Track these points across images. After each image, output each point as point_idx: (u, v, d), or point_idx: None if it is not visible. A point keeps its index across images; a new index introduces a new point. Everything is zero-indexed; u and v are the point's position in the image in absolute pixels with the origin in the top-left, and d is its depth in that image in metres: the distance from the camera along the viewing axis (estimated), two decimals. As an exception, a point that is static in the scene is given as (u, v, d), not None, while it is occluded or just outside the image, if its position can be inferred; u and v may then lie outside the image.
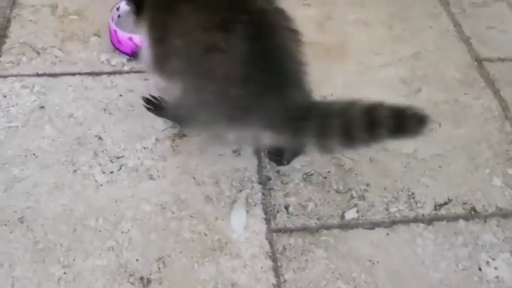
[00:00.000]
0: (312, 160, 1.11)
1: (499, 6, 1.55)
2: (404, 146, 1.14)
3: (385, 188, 1.08)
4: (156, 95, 1.15)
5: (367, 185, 1.08)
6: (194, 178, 1.07)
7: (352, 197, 1.06)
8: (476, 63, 1.36)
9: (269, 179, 1.08)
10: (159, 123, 1.17)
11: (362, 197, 1.06)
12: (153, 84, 1.20)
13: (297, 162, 1.11)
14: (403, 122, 0.87)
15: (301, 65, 0.98)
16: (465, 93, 1.28)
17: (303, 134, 0.92)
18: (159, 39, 0.99)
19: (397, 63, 1.35)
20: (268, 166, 1.10)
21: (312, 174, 1.09)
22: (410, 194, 1.07)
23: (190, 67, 0.94)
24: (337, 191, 1.07)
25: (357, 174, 1.10)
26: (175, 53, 0.96)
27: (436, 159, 1.13)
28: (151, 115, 1.16)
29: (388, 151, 1.14)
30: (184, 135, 1.15)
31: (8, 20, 1.39)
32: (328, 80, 1.30)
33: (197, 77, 0.94)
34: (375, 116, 0.87)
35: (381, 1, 1.54)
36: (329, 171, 1.10)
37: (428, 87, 1.29)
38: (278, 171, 1.09)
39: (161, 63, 1.00)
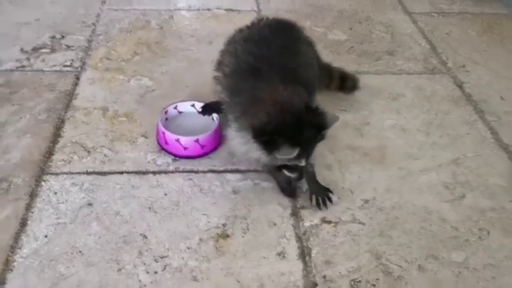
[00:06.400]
0: (358, 266, 1.08)
1: (533, 115, 1.59)
2: (454, 254, 1.11)
3: (437, 300, 1.03)
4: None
5: (418, 294, 1.04)
6: (238, 281, 1.05)
7: (402, 307, 1.01)
8: (518, 171, 1.36)
9: (315, 284, 1.05)
10: (203, 222, 1.18)
11: (413, 309, 1.01)
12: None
13: (343, 267, 1.08)
14: None
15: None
16: (511, 201, 1.27)
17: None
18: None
19: (438, 168, 1.36)
20: (314, 271, 1.08)
21: (359, 281, 1.05)
22: (465, 307, 1.02)
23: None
24: (387, 301, 1.02)
25: (406, 283, 1.06)
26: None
27: (489, 269, 1.09)
28: (195, 215, 1.19)
29: (437, 259, 1.10)
30: (227, 236, 1.15)
31: (63, 121, 1.48)
32: (370, 184, 1.30)
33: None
34: None
35: (416, 108, 1.59)
36: (377, 279, 1.06)
37: (473, 194, 1.28)
38: (324, 277, 1.06)
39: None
